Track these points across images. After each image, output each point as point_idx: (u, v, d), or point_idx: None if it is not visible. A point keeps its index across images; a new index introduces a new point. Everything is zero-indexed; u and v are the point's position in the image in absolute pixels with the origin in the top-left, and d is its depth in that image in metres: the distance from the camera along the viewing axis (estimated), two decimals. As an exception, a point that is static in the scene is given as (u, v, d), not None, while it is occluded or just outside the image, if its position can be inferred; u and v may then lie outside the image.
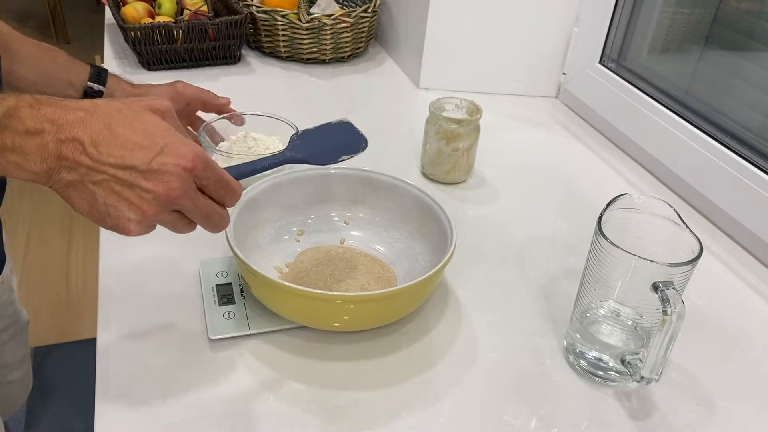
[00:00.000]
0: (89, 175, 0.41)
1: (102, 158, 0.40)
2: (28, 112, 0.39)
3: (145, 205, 0.42)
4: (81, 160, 0.40)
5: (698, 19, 1.02)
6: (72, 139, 0.40)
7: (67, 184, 0.41)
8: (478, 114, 0.82)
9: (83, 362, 1.38)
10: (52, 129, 0.40)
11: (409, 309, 0.60)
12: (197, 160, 0.43)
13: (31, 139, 0.39)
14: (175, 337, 0.58)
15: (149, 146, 0.42)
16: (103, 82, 0.71)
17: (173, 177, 0.42)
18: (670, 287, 0.49)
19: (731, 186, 0.80)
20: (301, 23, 1.12)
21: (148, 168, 0.41)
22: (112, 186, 0.41)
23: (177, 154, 0.42)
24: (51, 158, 0.40)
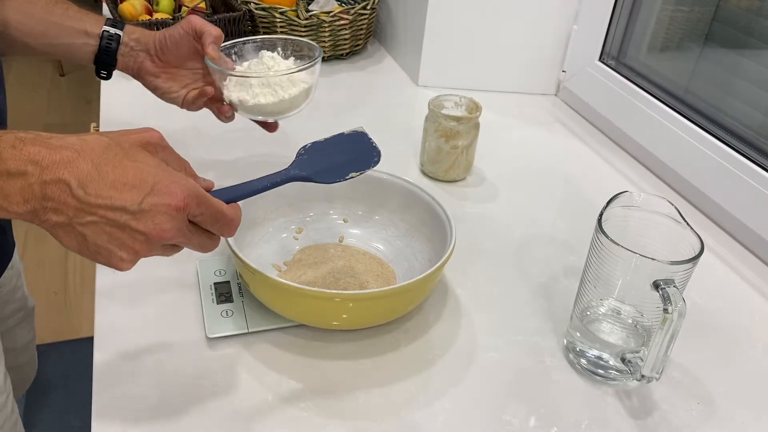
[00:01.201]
0: (77, 216, 0.40)
1: (90, 200, 0.39)
2: (9, 153, 0.38)
3: (138, 245, 0.41)
4: (68, 202, 0.39)
5: (698, 17, 1.02)
6: (57, 180, 0.38)
7: (54, 225, 0.40)
8: (478, 111, 0.81)
9: (81, 360, 1.38)
10: (35, 170, 0.38)
11: (409, 307, 0.60)
12: (189, 198, 0.42)
13: (13, 181, 0.38)
14: (173, 335, 0.57)
15: (139, 186, 0.40)
16: (120, 28, 0.68)
17: (165, 217, 0.41)
18: (671, 285, 0.49)
19: (731, 183, 0.79)
20: (300, 20, 1.12)
21: (139, 209, 0.40)
22: (102, 227, 0.40)
23: (168, 194, 0.41)
24: (35, 200, 0.39)
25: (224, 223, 0.45)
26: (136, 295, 0.61)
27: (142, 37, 0.69)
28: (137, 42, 0.68)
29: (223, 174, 0.80)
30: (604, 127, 1.02)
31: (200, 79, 0.72)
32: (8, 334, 0.80)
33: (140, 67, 0.69)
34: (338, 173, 0.57)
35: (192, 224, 0.44)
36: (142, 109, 0.72)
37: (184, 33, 0.67)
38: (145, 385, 0.53)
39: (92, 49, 0.68)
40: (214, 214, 0.44)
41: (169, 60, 0.69)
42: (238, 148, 0.86)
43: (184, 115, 0.75)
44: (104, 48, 0.67)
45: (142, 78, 0.70)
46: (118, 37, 0.68)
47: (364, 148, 0.59)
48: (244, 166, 0.83)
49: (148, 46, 0.68)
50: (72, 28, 0.67)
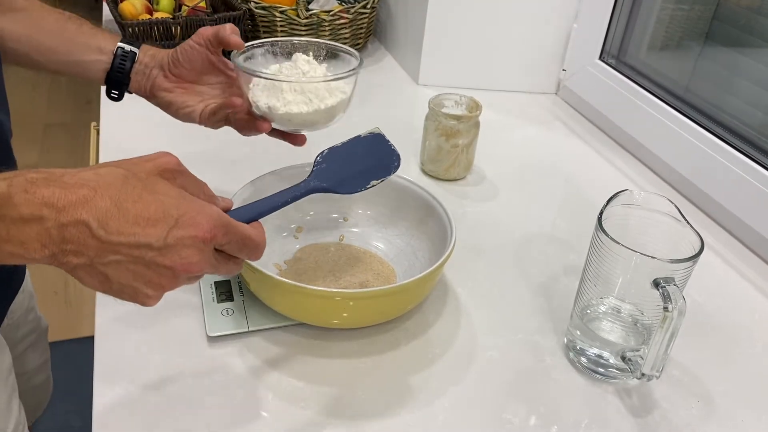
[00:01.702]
0: (99, 257, 0.38)
1: (112, 238, 0.37)
2: (22, 198, 0.35)
3: (164, 280, 0.40)
4: (89, 243, 0.37)
5: (698, 15, 1.02)
6: (76, 222, 0.36)
7: (75, 267, 0.38)
8: (478, 110, 0.81)
9: (82, 360, 1.38)
10: (51, 214, 0.36)
11: (409, 306, 0.60)
12: (216, 228, 0.40)
13: (29, 227, 0.36)
14: (174, 334, 0.57)
15: (163, 220, 0.38)
16: (136, 46, 0.64)
17: (192, 250, 0.39)
18: (671, 283, 0.49)
19: (731, 182, 0.79)
20: (300, 19, 1.12)
21: (164, 244, 0.38)
22: (126, 266, 0.38)
23: (194, 225, 0.39)
24: (53, 244, 0.36)
25: (251, 249, 0.44)
26: (136, 294, 0.61)
27: (156, 53, 0.64)
28: (152, 58, 0.64)
29: (225, 175, 0.80)
30: (605, 125, 1.02)
31: (219, 94, 0.65)
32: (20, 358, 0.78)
33: (153, 84, 0.64)
34: (359, 182, 0.55)
35: (217, 252, 0.42)
36: (142, 108, 0.71)
37: (195, 44, 0.62)
38: (146, 384, 0.53)
39: (104, 67, 0.63)
40: (241, 241, 0.43)
41: (182, 74, 0.64)
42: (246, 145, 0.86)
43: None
44: (118, 66, 0.63)
45: (155, 96, 0.65)
46: (133, 55, 0.63)
47: (383, 153, 0.58)
48: (250, 165, 0.83)
49: (161, 62, 0.64)
50: (84, 44, 0.63)
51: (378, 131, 0.59)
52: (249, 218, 0.46)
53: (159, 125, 0.90)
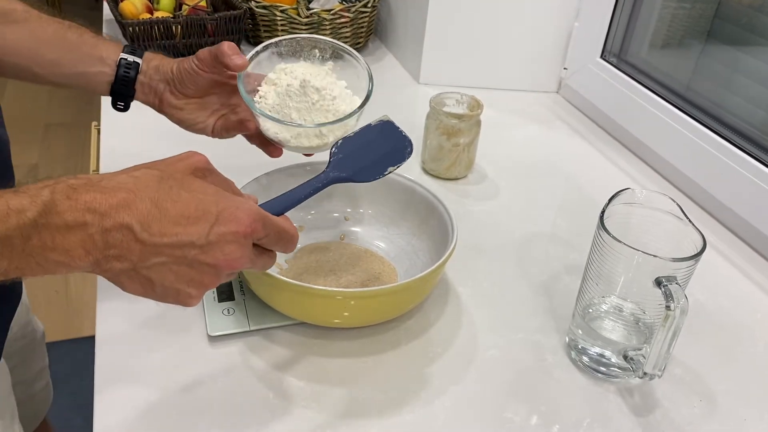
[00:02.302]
0: (143, 260, 0.38)
1: (155, 240, 0.37)
2: (66, 205, 0.35)
3: (207, 278, 0.40)
4: (132, 247, 0.37)
5: (700, 14, 1.01)
6: (119, 226, 0.36)
7: (119, 272, 0.38)
8: (479, 109, 0.81)
9: (83, 359, 1.38)
10: (95, 219, 0.36)
11: (410, 305, 0.60)
12: (256, 222, 0.40)
13: (73, 235, 0.36)
14: (174, 333, 0.57)
15: (204, 217, 0.38)
16: (139, 55, 0.62)
17: (233, 246, 0.39)
18: (673, 282, 0.49)
19: (733, 180, 0.79)
20: (301, 18, 1.12)
21: (206, 241, 0.38)
22: (169, 267, 0.38)
23: (234, 221, 0.39)
24: (97, 250, 0.36)
25: (286, 241, 0.44)
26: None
27: (161, 65, 0.63)
28: (156, 71, 0.63)
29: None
30: (606, 124, 1.01)
31: (227, 102, 0.65)
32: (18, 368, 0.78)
33: (161, 99, 0.63)
34: (376, 170, 0.56)
35: (255, 246, 0.42)
36: (143, 107, 0.71)
37: (198, 69, 0.61)
38: (147, 384, 0.52)
39: (108, 79, 0.62)
40: (278, 234, 0.43)
41: (188, 93, 0.63)
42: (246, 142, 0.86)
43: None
44: (122, 77, 0.62)
45: (164, 112, 0.65)
46: (137, 65, 0.62)
47: (395, 139, 0.59)
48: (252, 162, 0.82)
49: (166, 76, 0.62)
50: (87, 55, 0.61)
51: (387, 119, 0.59)
52: (277, 213, 0.46)
53: (159, 125, 0.90)
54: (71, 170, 2.29)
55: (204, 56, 0.60)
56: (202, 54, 0.60)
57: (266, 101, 0.61)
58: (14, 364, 0.77)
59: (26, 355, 0.81)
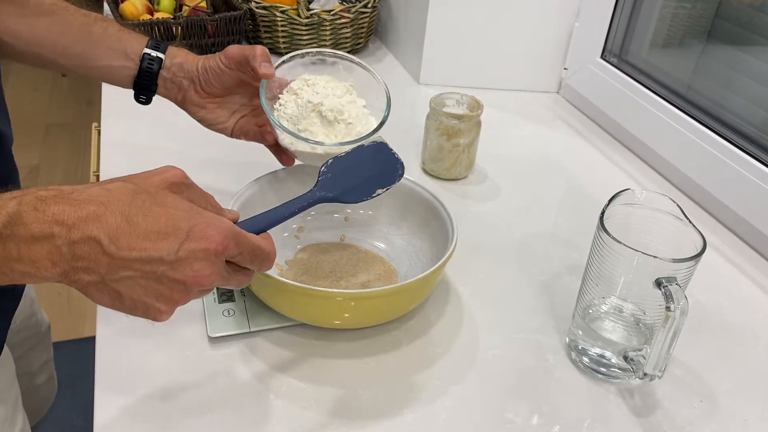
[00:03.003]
0: (110, 273, 0.37)
1: (123, 254, 0.37)
2: (32, 216, 0.35)
3: (176, 294, 0.40)
4: (100, 260, 0.37)
5: (700, 14, 1.01)
6: (87, 238, 0.36)
7: (87, 284, 0.38)
8: (479, 109, 0.81)
9: (84, 360, 1.38)
10: (62, 231, 0.36)
11: (411, 306, 0.60)
12: (227, 239, 0.40)
13: (39, 246, 0.35)
14: (175, 335, 0.57)
15: (174, 233, 0.38)
16: (162, 50, 0.63)
17: (203, 264, 0.39)
18: (674, 283, 0.49)
19: (734, 180, 0.79)
20: (301, 19, 1.12)
21: (176, 258, 0.38)
22: (137, 281, 0.38)
23: (204, 238, 0.39)
24: (64, 262, 0.36)
25: (262, 259, 0.44)
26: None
27: (185, 62, 0.63)
28: (180, 68, 0.63)
29: (226, 175, 0.80)
30: (606, 124, 1.01)
31: (248, 102, 0.66)
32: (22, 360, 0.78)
33: (185, 97, 0.64)
34: (364, 191, 0.56)
35: (228, 263, 0.42)
36: (143, 109, 0.71)
37: (225, 68, 0.61)
38: (147, 385, 0.53)
39: (131, 73, 0.63)
40: (252, 252, 0.42)
41: (213, 92, 0.64)
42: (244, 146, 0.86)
43: (185, 116, 0.74)
44: (145, 70, 0.62)
45: (186, 109, 0.66)
46: (159, 60, 0.62)
47: (387, 161, 0.59)
48: (250, 166, 0.83)
49: (191, 75, 0.63)
50: (110, 49, 0.62)
51: (381, 140, 0.60)
52: (257, 230, 0.46)
53: (159, 126, 0.90)
54: (72, 171, 2.29)
55: (233, 54, 0.60)
56: (232, 51, 0.61)
57: (285, 110, 0.62)
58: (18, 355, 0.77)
59: (30, 346, 0.81)
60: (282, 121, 0.62)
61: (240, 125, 0.66)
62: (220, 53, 0.62)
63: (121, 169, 0.78)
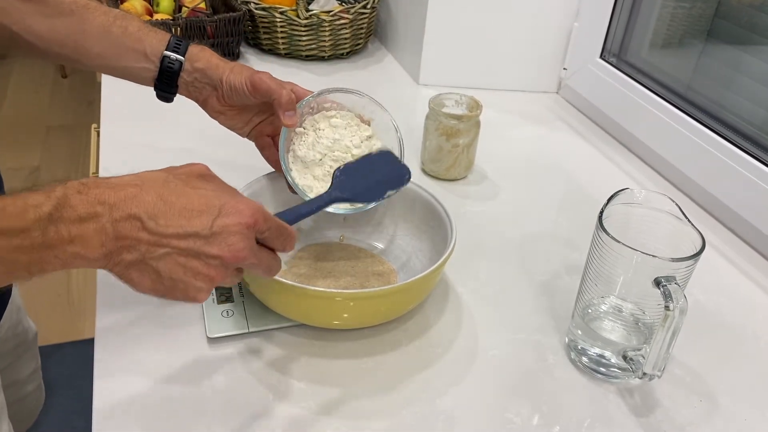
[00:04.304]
0: (150, 251, 0.40)
1: (162, 230, 0.40)
2: (77, 199, 0.38)
3: (213, 271, 0.42)
4: (140, 237, 0.39)
5: (700, 13, 1.01)
6: (128, 216, 0.39)
7: (128, 265, 0.40)
8: (478, 110, 0.81)
9: (85, 362, 1.38)
10: (105, 210, 0.39)
11: (410, 306, 0.60)
12: (257, 214, 0.43)
13: (86, 226, 0.38)
14: (174, 335, 0.57)
15: (207, 210, 0.41)
16: (182, 51, 0.62)
17: (237, 237, 0.41)
18: (673, 282, 0.49)
19: (733, 180, 0.79)
20: (300, 20, 1.12)
21: (210, 233, 0.41)
22: (175, 259, 0.41)
23: (237, 213, 0.41)
24: (109, 241, 0.39)
25: (286, 237, 0.46)
26: (136, 296, 0.61)
27: (207, 69, 0.63)
28: (202, 74, 0.63)
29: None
30: (606, 124, 1.01)
31: (267, 117, 0.66)
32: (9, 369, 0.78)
33: (205, 101, 0.65)
34: (376, 193, 0.61)
35: (258, 244, 0.44)
36: (143, 109, 0.71)
37: (249, 93, 0.61)
38: (146, 386, 0.52)
39: (152, 74, 0.63)
40: (278, 229, 0.45)
41: (234, 104, 0.64)
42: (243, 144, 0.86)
43: (185, 116, 0.74)
44: (165, 70, 0.62)
45: (207, 111, 0.66)
46: (180, 62, 0.62)
47: (394, 167, 0.63)
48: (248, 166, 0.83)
49: (214, 83, 0.63)
50: (131, 50, 0.62)
51: (387, 149, 0.64)
52: None
53: (160, 127, 0.90)
54: (72, 172, 2.29)
55: (260, 88, 0.61)
56: (260, 85, 0.60)
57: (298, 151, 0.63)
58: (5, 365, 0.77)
59: (18, 355, 0.80)
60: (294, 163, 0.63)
61: (256, 132, 0.67)
62: (247, 77, 0.61)
63: (120, 170, 0.78)
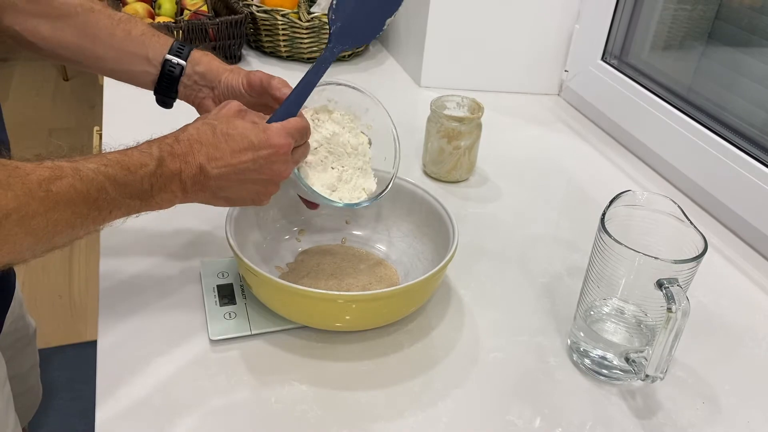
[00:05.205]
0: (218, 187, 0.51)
1: (221, 171, 0.51)
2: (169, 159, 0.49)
3: (268, 187, 0.54)
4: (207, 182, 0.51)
5: (700, 15, 1.01)
6: (198, 168, 0.50)
7: (206, 198, 0.52)
8: (480, 112, 0.81)
9: (86, 364, 1.38)
10: (183, 167, 0.50)
11: (412, 308, 0.60)
12: (288, 138, 0.53)
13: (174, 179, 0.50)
14: (176, 338, 0.57)
15: (249, 148, 0.51)
16: (184, 56, 0.63)
17: (277, 163, 0.53)
18: (675, 284, 0.49)
19: (735, 181, 0.79)
20: (302, 22, 1.12)
21: (256, 165, 0.52)
22: (238, 186, 0.52)
23: (272, 145, 0.52)
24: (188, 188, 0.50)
25: (307, 131, 0.56)
26: (139, 298, 0.61)
27: (207, 72, 0.63)
28: (201, 77, 0.63)
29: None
30: (607, 126, 1.01)
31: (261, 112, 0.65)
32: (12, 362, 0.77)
33: (201, 103, 0.65)
34: (375, 26, 0.59)
35: None
36: (144, 112, 0.71)
37: (246, 92, 0.62)
38: (148, 388, 0.53)
39: (152, 78, 0.64)
40: (301, 133, 0.55)
41: None
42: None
43: (186, 119, 0.74)
44: (165, 77, 0.63)
45: (201, 113, 0.66)
46: (181, 67, 0.63)
47: None
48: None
49: (212, 84, 0.63)
50: (132, 54, 0.63)
51: None
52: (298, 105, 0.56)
53: (162, 130, 0.90)
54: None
55: (255, 84, 0.61)
56: (255, 81, 0.61)
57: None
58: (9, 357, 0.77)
59: (20, 348, 0.81)
60: None
61: None
62: (244, 76, 0.62)
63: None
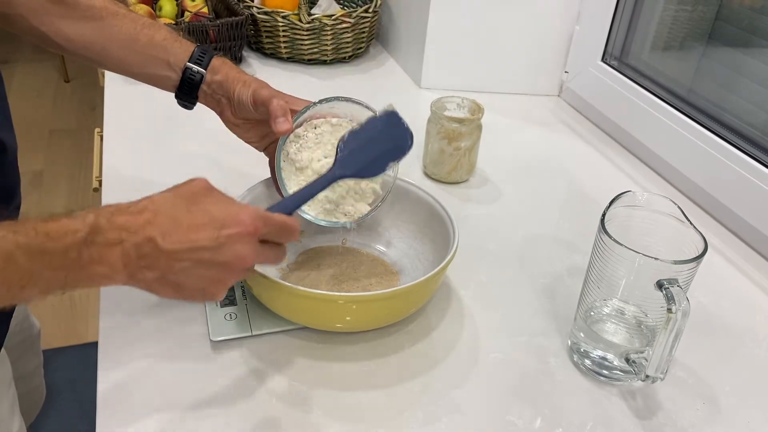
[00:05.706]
0: (168, 266, 0.45)
1: (176, 247, 0.44)
2: (106, 226, 0.43)
3: (225, 275, 0.47)
4: (159, 257, 0.44)
5: (701, 16, 1.01)
6: (146, 239, 0.44)
7: (151, 281, 0.45)
8: (480, 113, 0.81)
9: (88, 365, 1.38)
10: (128, 236, 0.43)
11: (412, 309, 0.60)
12: (257, 221, 0.47)
13: (113, 250, 0.43)
14: (177, 339, 0.58)
15: (211, 224, 0.45)
16: (205, 64, 0.64)
17: (241, 246, 0.46)
18: (675, 285, 0.49)
19: (735, 182, 0.79)
20: (302, 24, 1.12)
21: (217, 244, 0.45)
22: (191, 271, 0.45)
23: (238, 223, 0.46)
24: (131, 263, 0.44)
25: (288, 231, 0.50)
26: (140, 300, 0.61)
27: (224, 81, 0.64)
28: (220, 86, 0.65)
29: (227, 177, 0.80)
30: (607, 127, 1.01)
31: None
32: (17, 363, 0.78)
33: (222, 112, 0.66)
34: (379, 165, 0.60)
35: (262, 242, 0.48)
36: (145, 113, 0.72)
37: (252, 108, 0.63)
38: (149, 389, 0.53)
39: (173, 83, 0.65)
40: (279, 227, 0.49)
41: (247, 118, 0.66)
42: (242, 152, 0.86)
43: (186, 120, 0.75)
44: (186, 81, 0.64)
45: (223, 122, 0.67)
46: (201, 74, 0.64)
47: (398, 132, 0.61)
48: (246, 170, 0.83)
49: (229, 95, 0.64)
50: (154, 58, 0.64)
51: (392, 109, 0.61)
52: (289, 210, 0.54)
53: (162, 131, 0.90)
54: (76, 177, 2.29)
55: (261, 102, 0.62)
56: (260, 100, 0.62)
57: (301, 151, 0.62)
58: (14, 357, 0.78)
59: (25, 349, 0.82)
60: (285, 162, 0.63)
61: (271, 148, 0.67)
62: (252, 91, 0.63)
63: (123, 173, 0.79)
